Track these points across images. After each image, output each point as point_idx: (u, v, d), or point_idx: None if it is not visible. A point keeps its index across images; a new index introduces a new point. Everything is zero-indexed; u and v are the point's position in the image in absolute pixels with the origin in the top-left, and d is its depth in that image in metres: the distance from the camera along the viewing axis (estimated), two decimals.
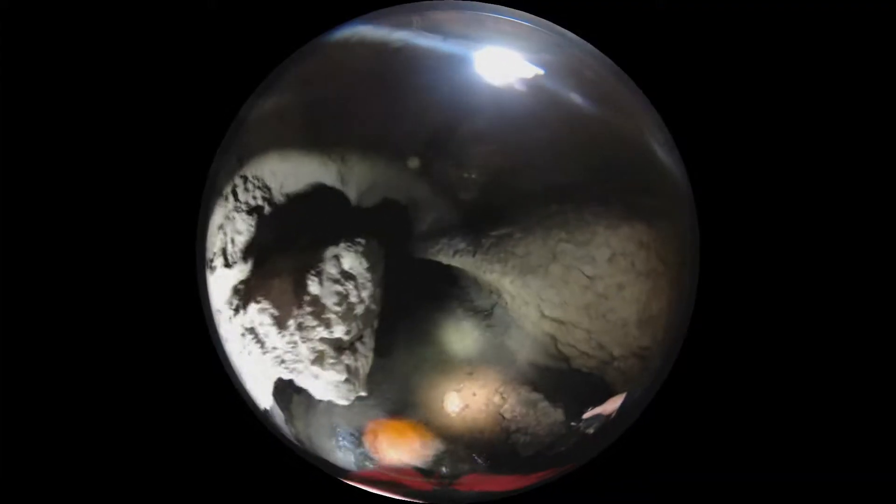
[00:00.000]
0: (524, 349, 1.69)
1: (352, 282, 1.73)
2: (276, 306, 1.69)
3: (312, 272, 1.72)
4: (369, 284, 1.73)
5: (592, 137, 1.53)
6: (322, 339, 1.67)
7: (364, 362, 1.70)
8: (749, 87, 1.71)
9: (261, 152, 1.58)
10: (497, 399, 1.68)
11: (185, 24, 1.60)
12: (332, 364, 1.66)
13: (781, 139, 1.73)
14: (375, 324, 1.72)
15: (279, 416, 1.69)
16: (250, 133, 1.56)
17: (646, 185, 1.61)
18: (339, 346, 1.68)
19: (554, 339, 1.68)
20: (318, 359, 1.67)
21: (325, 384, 1.68)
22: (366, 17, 1.47)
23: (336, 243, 1.72)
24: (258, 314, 1.68)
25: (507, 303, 1.71)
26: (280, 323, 1.69)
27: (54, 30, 1.61)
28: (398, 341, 1.71)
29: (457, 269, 1.72)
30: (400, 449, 1.70)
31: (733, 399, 1.75)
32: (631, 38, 1.60)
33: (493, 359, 1.69)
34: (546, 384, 1.67)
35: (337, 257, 1.76)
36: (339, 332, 1.68)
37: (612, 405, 1.67)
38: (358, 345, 1.71)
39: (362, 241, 1.73)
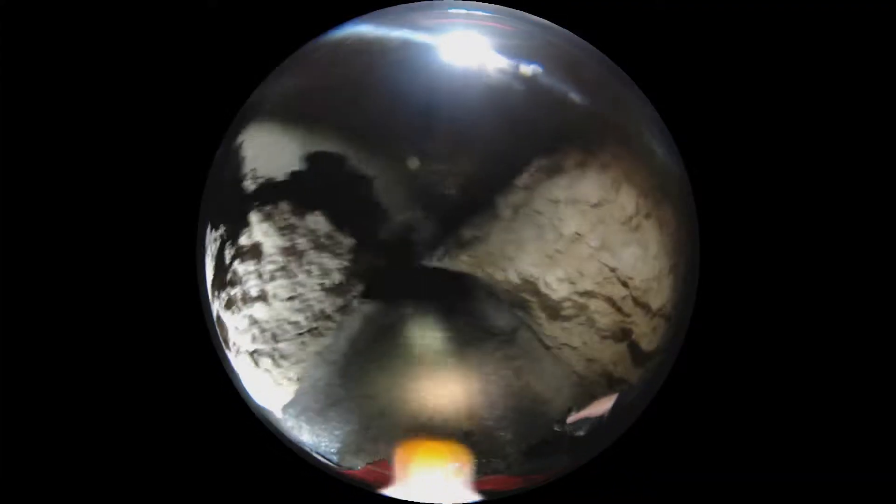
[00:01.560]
0: (560, 397, 1.07)
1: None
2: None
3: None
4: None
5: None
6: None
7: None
8: (748, 86, 1.72)
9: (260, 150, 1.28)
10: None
11: (185, 23, 1.64)
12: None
13: (781, 138, 1.73)
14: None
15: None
16: (249, 131, 1.31)
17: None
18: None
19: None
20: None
21: None
22: (364, 17, 1.37)
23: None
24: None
25: (538, 323, 1.02)
26: None
27: (54, 29, 1.66)
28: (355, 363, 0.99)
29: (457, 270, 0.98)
30: None
31: (734, 399, 1.74)
32: (627, 35, 1.59)
33: (508, 409, 1.05)
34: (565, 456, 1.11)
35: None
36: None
37: (602, 407, 1.26)
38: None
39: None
